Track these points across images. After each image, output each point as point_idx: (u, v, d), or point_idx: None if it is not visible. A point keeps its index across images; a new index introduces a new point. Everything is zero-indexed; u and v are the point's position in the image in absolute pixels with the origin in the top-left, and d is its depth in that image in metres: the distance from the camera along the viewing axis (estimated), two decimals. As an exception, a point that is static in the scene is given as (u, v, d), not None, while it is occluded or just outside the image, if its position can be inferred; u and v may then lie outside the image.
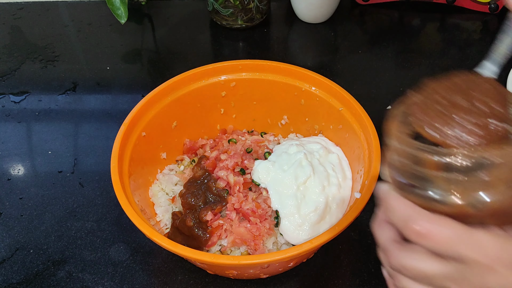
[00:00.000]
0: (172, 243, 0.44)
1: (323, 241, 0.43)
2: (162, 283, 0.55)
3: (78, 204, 0.64)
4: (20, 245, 0.59)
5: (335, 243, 0.58)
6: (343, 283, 0.55)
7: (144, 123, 0.57)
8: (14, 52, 0.90)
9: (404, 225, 0.28)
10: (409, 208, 0.28)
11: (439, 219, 0.27)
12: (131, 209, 0.46)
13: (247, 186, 0.55)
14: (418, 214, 0.28)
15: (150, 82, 0.84)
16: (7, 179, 0.68)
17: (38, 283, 0.55)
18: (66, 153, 0.71)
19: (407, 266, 0.29)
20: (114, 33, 0.94)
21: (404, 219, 0.28)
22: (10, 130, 0.75)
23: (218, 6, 0.88)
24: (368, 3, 0.98)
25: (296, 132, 0.66)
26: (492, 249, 0.26)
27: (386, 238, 0.31)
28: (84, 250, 0.58)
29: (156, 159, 0.61)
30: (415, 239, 0.28)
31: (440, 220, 0.27)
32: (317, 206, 0.52)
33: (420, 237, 0.27)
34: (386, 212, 0.31)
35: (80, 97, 0.81)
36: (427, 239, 0.27)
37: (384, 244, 0.31)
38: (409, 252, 0.29)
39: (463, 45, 0.89)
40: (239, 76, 0.63)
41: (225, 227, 0.53)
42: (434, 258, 0.28)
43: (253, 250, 0.52)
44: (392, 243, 0.30)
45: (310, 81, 0.60)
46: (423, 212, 0.28)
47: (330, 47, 0.90)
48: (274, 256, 0.42)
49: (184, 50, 0.89)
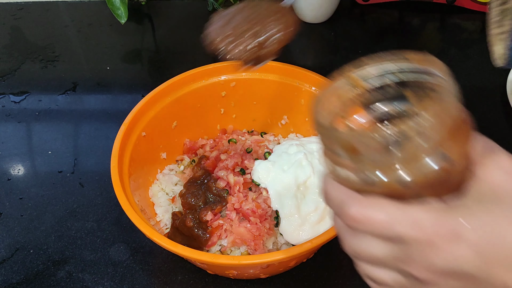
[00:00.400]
0: (172, 243, 0.44)
1: (323, 241, 0.43)
2: (162, 283, 0.55)
3: (78, 204, 0.64)
4: (20, 245, 0.59)
5: (335, 243, 0.58)
6: (343, 283, 0.55)
7: (144, 123, 0.57)
8: (14, 52, 0.90)
9: (339, 212, 0.27)
10: (341, 193, 0.27)
11: (372, 202, 0.26)
12: (131, 209, 0.46)
13: (247, 186, 0.55)
14: (350, 199, 0.26)
15: (150, 82, 0.84)
16: (7, 179, 0.68)
17: (38, 283, 0.55)
18: (66, 153, 0.71)
19: (358, 251, 0.28)
20: (114, 33, 0.94)
21: (338, 205, 0.27)
22: (10, 130, 0.75)
23: (218, 6, 0.88)
24: (368, 3, 0.98)
25: (296, 132, 0.66)
26: (428, 223, 0.24)
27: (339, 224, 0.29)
28: (84, 250, 0.58)
29: (156, 159, 0.61)
30: (352, 225, 0.26)
31: (372, 202, 0.26)
32: (317, 206, 0.52)
33: (356, 223, 0.26)
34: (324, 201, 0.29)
35: (80, 97, 0.81)
36: (363, 223, 0.26)
37: (337, 230, 0.30)
38: (357, 237, 0.27)
39: (463, 45, 0.89)
40: (239, 76, 0.63)
41: (225, 227, 0.53)
42: (379, 240, 0.26)
43: (253, 250, 0.52)
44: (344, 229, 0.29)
45: (310, 81, 0.60)
46: (355, 196, 0.26)
47: (330, 47, 0.90)
48: (274, 256, 0.42)
49: (184, 50, 0.89)
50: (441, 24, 0.95)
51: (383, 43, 0.89)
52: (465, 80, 0.80)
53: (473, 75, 0.81)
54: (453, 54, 0.87)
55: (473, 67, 0.83)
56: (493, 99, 0.76)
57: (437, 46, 0.89)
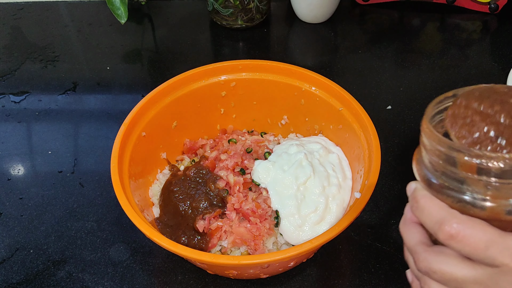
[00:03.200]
0: (172, 243, 0.44)
1: (323, 241, 0.43)
2: (162, 283, 0.55)
3: (78, 204, 0.64)
4: (20, 245, 0.59)
5: (335, 243, 0.58)
6: (343, 283, 0.55)
7: (144, 123, 0.57)
8: (14, 52, 0.90)
9: (436, 227, 0.27)
10: (441, 209, 0.28)
11: (473, 222, 0.26)
12: (131, 209, 0.46)
13: (247, 186, 0.55)
14: (451, 216, 0.27)
15: (150, 82, 0.84)
16: (7, 179, 0.68)
17: (38, 283, 0.55)
18: (66, 153, 0.71)
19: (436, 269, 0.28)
20: (114, 33, 0.94)
21: (436, 220, 0.28)
22: (10, 130, 0.75)
23: (218, 6, 0.88)
24: (368, 3, 0.98)
25: (296, 132, 0.66)
26: None
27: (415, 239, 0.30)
28: (84, 250, 0.58)
29: (156, 159, 0.61)
30: (447, 241, 0.27)
31: (473, 223, 0.26)
32: (317, 206, 0.52)
33: (452, 240, 0.27)
34: (416, 213, 0.30)
35: (80, 97, 0.81)
36: (459, 241, 0.26)
37: (412, 246, 0.30)
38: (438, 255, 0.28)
39: (463, 45, 0.89)
40: (239, 76, 0.63)
41: (225, 228, 0.53)
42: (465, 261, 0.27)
43: (253, 250, 0.52)
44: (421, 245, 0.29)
45: (310, 81, 0.60)
46: (456, 213, 0.27)
47: (330, 47, 0.90)
48: (274, 256, 0.42)
49: (184, 50, 0.89)
50: (441, 24, 0.95)
51: (383, 43, 0.89)
52: (465, 80, 0.81)
53: (473, 75, 0.81)
54: (453, 54, 0.87)
55: (473, 67, 0.83)
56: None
57: (437, 46, 0.89)
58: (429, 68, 0.83)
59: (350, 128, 0.57)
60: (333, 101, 0.59)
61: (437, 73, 0.82)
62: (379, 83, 0.81)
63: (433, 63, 0.84)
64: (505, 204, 0.26)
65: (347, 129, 0.58)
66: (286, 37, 0.94)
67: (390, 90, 0.79)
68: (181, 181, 0.57)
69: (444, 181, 0.28)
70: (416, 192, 0.30)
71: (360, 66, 0.84)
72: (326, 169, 0.55)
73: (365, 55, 0.87)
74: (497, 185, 0.26)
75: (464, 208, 0.27)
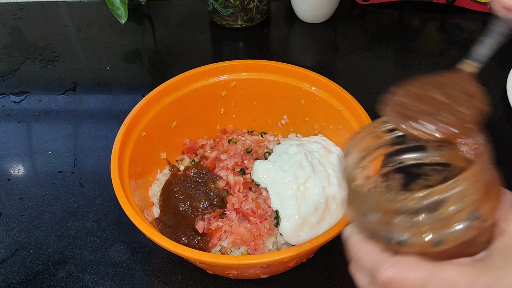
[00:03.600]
0: (172, 243, 0.44)
1: (323, 241, 0.43)
2: (162, 283, 0.55)
3: (78, 204, 0.64)
4: (20, 245, 0.59)
5: (335, 243, 0.58)
6: (343, 283, 0.55)
7: (144, 123, 0.57)
8: (14, 52, 0.90)
9: (372, 274, 0.28)
10: (373, 255, 0.28)
11: (405, 263, 0.26)
12: (131, 209, 0.46)
13: (247, 186, 0.55)
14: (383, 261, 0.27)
15: (150, 82, 0.84)
16: (7, 179, 0.68)
17: (38, 283, 0.55)
18: (66, 153, 0.71)
19: None
20: (114, 33, 0.94)
21: (370, 267, 0.28)
22: (10, 130, 0.75)
23: (218, 6, 0.88)
24: (368, 3, 0.98)
25: (296, 132, 0.66)
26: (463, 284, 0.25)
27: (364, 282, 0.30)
28: (84, 250, 0.58)
29: (156, 159, 0.61)
30: (386, 286, 0.27)
31: (406, 263, 0.26)
32: (317, 206, 0.52)
33: (391, 284, 0.26)
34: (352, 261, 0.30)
35: (80, 97, 0.81)
36: (397, 285, 0.26)
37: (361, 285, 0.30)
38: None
39: (463, 45, 0.89)
40: (239, 76, 0.63)
41: (225, 228, 0.53)
42: None
43: (253, 250, 0.52)
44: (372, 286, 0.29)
45: (310, 81, 0.60)
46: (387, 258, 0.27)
47: (330, 47, 0.90)
48: (274, 256, 0.42)
49: (184, 50, 0.89)
50: (441, 24, 0.95)
51: (383, 43, 0.89)
52: (465, 80, 0.80)
53: (473, 75, 0.81)
54: (453, 54, 0.87)
55: (473, 67, 0.83)
56: (493, 99, 0.76)
57: (437, 46, 0.89)
58: (429, 68, 0.83)
59: (350, 128, 0.57)
60: (333, 101, 0.59)
61: (437, 73, 0.82)
62: (379, 83, 0.81)
63: (433, 63, 0.84)
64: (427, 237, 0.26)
65: (347, 129, 0.58)
66: (286, 37, 0.94)
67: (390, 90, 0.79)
68: (181, 181, 0.57)
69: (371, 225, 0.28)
70: (350, 240, 0.30)
71: (360, 66, 0.84)
72: (326, 169, 0.55)
73: (365, 55, 0.87)
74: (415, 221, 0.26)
75: (395, 247, 0.27)
